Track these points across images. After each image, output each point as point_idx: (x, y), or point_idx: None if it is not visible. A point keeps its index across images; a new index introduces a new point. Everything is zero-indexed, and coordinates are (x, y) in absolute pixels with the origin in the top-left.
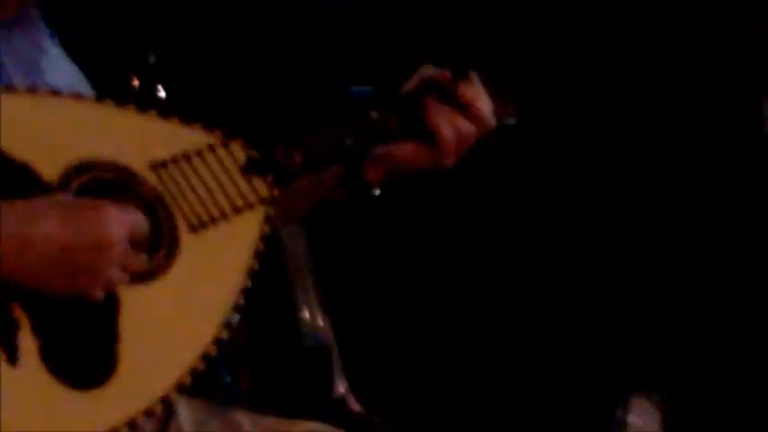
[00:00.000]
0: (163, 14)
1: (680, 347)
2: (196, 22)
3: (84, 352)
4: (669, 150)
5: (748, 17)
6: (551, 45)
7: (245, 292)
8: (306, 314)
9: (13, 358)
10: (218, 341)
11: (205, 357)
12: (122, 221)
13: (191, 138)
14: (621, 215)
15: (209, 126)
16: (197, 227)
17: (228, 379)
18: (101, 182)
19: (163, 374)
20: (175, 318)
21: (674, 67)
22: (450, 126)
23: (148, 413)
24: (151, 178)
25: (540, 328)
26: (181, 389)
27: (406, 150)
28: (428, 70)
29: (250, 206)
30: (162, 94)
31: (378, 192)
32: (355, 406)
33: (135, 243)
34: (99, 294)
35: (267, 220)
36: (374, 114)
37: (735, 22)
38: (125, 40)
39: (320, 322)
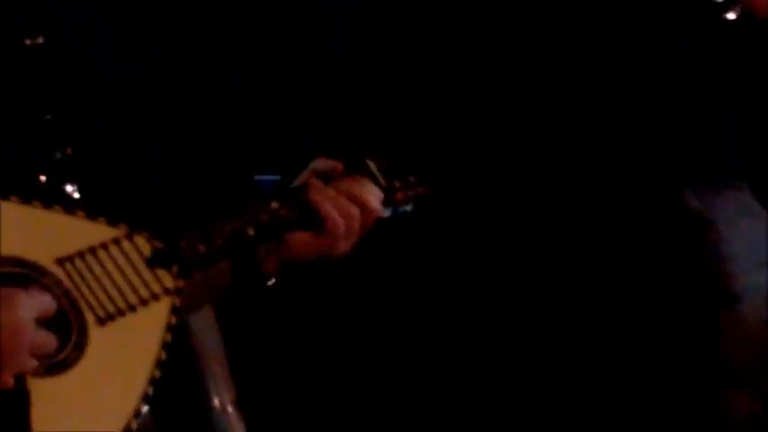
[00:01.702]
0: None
1: None
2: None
3: None
4: None
5: None
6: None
7: (154, 382)
8: (216, 403)
9: None
10: (128, 431)
11: None
12: (30, 304)
13: (96, 231)
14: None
15: (113, 220)
16: (104, 319)
17: None
18: (7, 276)
19: None
20: (85, 409)
21: None
22: (336, 212)
23: None
24: (57, 272)
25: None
26: None
27: (300, 239)
28: (321, 162)
29: (156, 297)
30: (69, 189)
31: (272, 281)
32: None
33: (43, 324)
34: (8, 379)
35: (173, 310)
36: (275, 205)
37: None
38: (31, 135)
39: (230, 409)
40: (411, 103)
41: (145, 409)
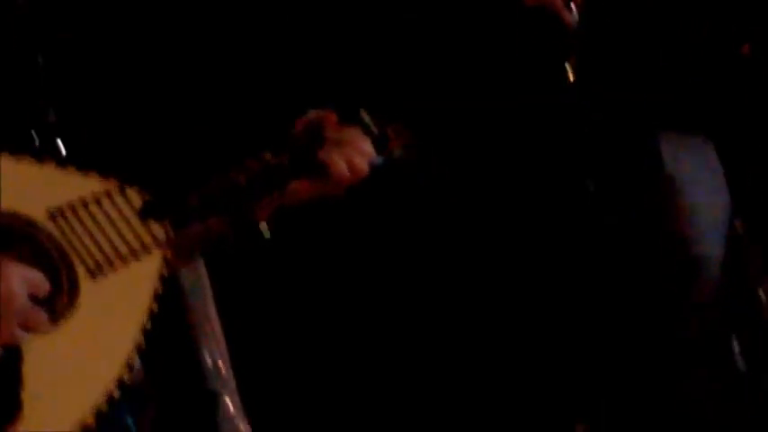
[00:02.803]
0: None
1: None
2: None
3: None
4: None
5: None
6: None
7: (146, 333)
8: (208, 359)
9: None
10: (120, 382)
11: (108, 398)
12: (21, 278)
13: (87, 185)
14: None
15: (105, 173)
16: (96, 272)
17: (131, 421)
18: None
19: (67, 417)
20: (78, 362)
21: None
22: (341, 161)
23: None
24: (49, 226)
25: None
26: (85, 430)
27: (297, 186)
28: (315, 112)
29: (147, 250)
30: (61, 147)
31: (267, 232)
32: None
33: (34, 299)
34: None
35: (165, 262)
36: (267, 156)
37: None
38: (23, 96)
39: (222, 367)
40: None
41: (137, 361)
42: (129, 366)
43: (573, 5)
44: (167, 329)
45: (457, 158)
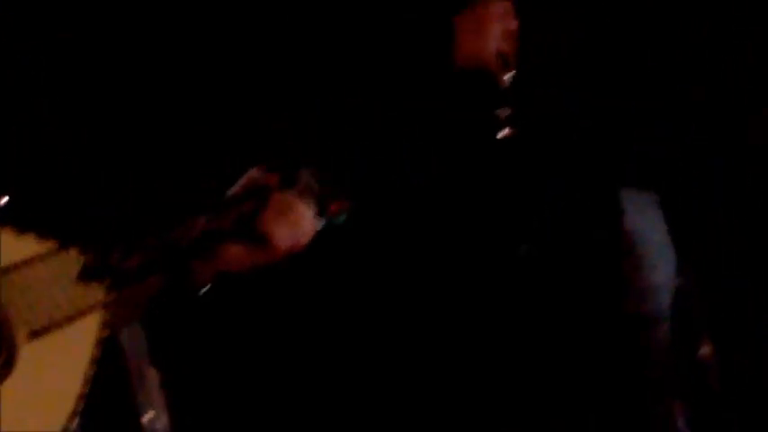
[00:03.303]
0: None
1: None
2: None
3: None
4: None
5: None
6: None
7: (84, 397)
8: (146, 417)
9: None
10: None
11: None
12: None
13: (25, 247)
14: None
15: (43, 235)
16: (35, 334)
17: None
18: None
19: None
20: (13, 426)
21: None
22: (282, 229)
23: None
24: None
25: None
26: None
27: (237, 252)
28: (256, 173)
29: (87, 312)
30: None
31: (204, 292)
32: None
33: None
34: None
35: (104, 324)
36: (207, 217)
37: None
38: None
39: (161, 425)
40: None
41: (75, 424)
42: (66, 431)
43: (508, 65)
44: (106, 393)
45: (396, 223)
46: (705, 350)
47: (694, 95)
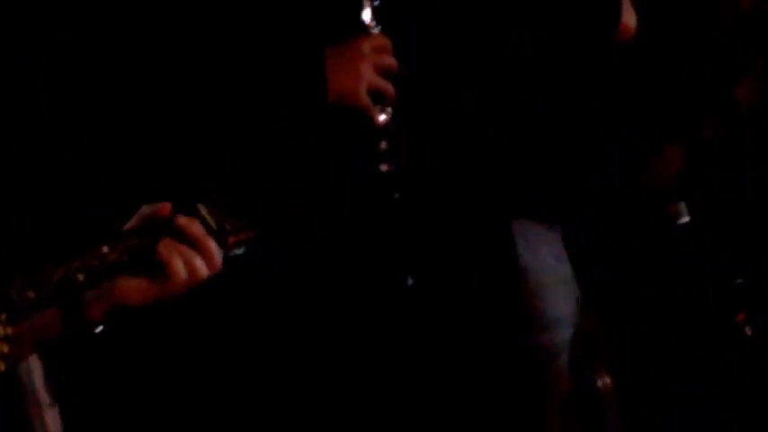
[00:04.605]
0: None
1: None
2: None
3: None
4: None
5: None
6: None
7: None
8: None
9: None
10: None
11: None
12: None
13: None
14: None
15: None
16: None
17: None
18: None
19: None
20: None
21: None
22: (178, 259)
23: None
24: None
25: None
26: None
27: (133, 284)
28: (149, 206)
29: None
30: None
31: (99, 328)
32: None
33: None
34: None
35: (1, 358)
36: (105, 250)
37: None
38: None
39: None
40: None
41: None
42: None
43: (384, 101)
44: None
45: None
46: (604, 382)
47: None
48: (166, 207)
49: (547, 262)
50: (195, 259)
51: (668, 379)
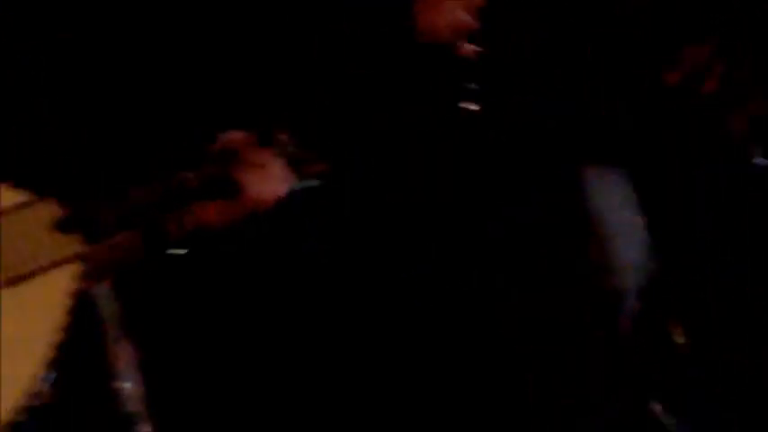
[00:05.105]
0: None
1: None
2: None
3: None
4: None
5: None
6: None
7: (61, 347)
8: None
9: None
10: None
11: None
12: None
13: (2, 196)
14: None
15: (19, 184)
16: (10, 283)
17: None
18: None
19: None
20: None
21: None
22: (255, 184)
23: None
24: None
25: None
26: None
27: (210, 208)
28: (232, 133)
29: (62, 263)
30: None
31: (180, 251)
32: None
33: None
34: None
35: (81, 276)
36: (184, 174)
37: None
38: None
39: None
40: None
41: (51, 376)
42: (43, 381)
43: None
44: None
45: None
46: (679, 339)
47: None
48: (243, 134)
49: (617, 208)
50: (269, 184)
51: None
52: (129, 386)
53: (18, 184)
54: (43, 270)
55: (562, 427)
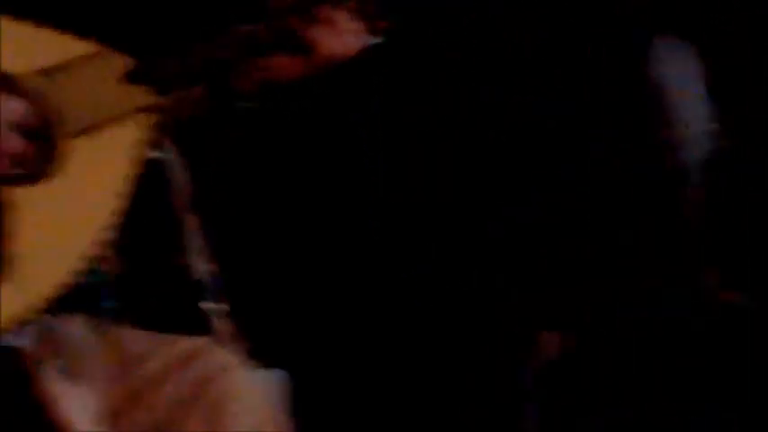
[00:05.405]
0: None
1: None
2: None
3: None
4: None
5: None
6: None
7: (127, 197)
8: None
9: None
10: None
11: (80, 269)
12: (3, 107)
13: (74, 48)
14: None
15: (92, 37)
16: (81, 132)
17: (110, 305)
18: None
19: (46, 274)
20: (58, 221)
21: None
22: (328, 39)
23: (35, 310)
24: (36, 84)
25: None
26: (68, 285)
27: (282, 61)
28: None
29: (131, 114)
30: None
31: (246, 105)
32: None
33: (15, 128)
34: None
35: (148, 127)
36: (250, 27)
37: None
38: None
39: (203, 262)
40: None
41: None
42: (107, 228)
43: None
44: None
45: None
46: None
47: None
48: None
49: (681, 78)
50: (340, 37)
51: None
52: (198, 261)
53: (88, 35)
54: (111, 122)
55: None
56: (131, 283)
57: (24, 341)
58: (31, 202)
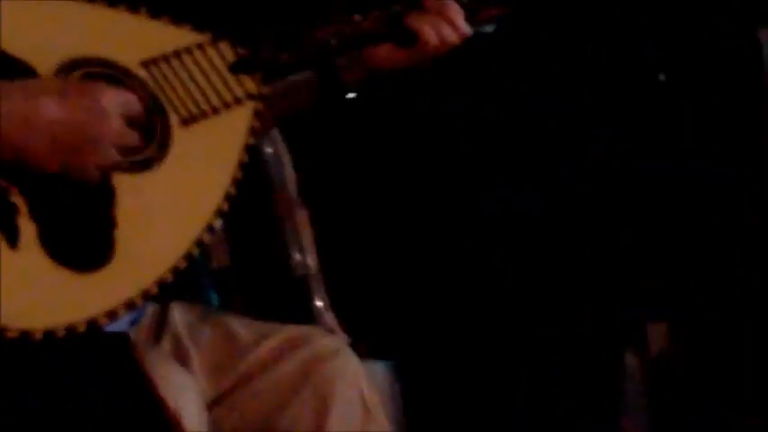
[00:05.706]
0: None
1: None
2: None
3: (81, 237)
4: None
5: None
6: None
7: (235, 183)
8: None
9: (13, 242)
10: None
11: (187, 257)
12: (117, 98)
13: (180, 37)
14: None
15: (198, 26)
16: (188, 121)
17: (215, 298)
18: (93, 76)
19: (156, 261)
20: (167, 209)
21: None
22: (432, 30)
23: (145, 295)
24: (143, 74)
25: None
26: (162, 284)
27: (385, 52)
28: None
29: (239, 102)
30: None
31: (354, 95)
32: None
33: (129, 121)
34: (94, 172)
35: (256, 114)
36: (358, 17)
37: None
38: None
39: (309, 256)
40: None
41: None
42: (219, 213)
43: None
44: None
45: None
46: None
47: None
48: None
49: None
50: (444, 28)
51: None
52: (303, 257)
53: (197, 24)
54: (218, 111)
55: None
56: (237, 275)
57: (134, 327)
58: (141, 189)
